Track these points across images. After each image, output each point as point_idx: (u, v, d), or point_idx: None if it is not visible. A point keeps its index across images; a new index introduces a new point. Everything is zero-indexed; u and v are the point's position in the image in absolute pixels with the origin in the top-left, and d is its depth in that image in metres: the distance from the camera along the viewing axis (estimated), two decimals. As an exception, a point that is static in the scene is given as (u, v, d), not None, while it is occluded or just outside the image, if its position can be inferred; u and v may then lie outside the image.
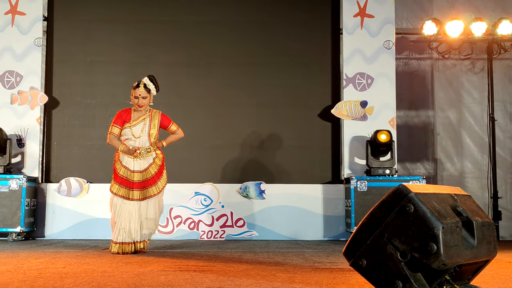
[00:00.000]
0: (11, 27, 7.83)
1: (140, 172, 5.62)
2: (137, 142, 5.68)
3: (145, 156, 5.64)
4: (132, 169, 5.61)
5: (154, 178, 5.65)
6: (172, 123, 5.92)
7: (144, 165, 5.64)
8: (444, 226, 2.71)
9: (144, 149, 5.64)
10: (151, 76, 5.86)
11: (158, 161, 5.71)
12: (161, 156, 5.75)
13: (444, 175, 8.71)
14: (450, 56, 8.71)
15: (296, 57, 8.19)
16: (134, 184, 5.59)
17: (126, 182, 5.60)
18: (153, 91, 5.82)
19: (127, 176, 5.61)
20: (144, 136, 5.70)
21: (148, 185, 5.62)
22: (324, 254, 5.59)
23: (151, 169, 5.65)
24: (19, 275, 3.86)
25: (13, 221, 7.06)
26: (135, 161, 5.62)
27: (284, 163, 8.04)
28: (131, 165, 5.62)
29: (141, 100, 5.73)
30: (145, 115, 5.80)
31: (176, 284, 3.46)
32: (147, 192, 5.61)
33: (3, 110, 7.71)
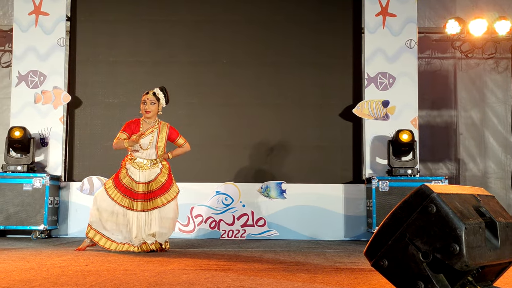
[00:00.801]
0: (35, 27, 7.92)
1: (145, 183, 5.64)
2: (145, 154, 5.70)
3: (151, 167, 5.68)
4: (138, 180, 5.64)
5: (165, 187, 5.69)
6: (180, 137, 5.95)
7: (150, 176, 5.67)
8: (467, 227, 2.69)
9: (151, 161, 5.69)
10: (162, 87, 5.91)
11: (165, 170, 5.76)
12: (167, 166, 5.81)
13: (466, 175, 8.63)
14: (473, 55, 8.63)
15: (317, 57, 8.17)
16: (139, 195, 5.60)
17: (130, 193, 5.60)
18: (162, 101, 5.83)
19: (132, 187, 5.62)
20: (152, 149, 5.72)
21: (156, 195, 5.63)
22: (345, 254, 5.57)
23: (161, 178, 5.70)
24: (43, 272, 3.91)
25: (36, 219, 7.14)
26: (141, 172, 5.64)
27: (305, 163, 8.02)
28: (136, 176, 5.65)
29: (148, 105, 5.73)
30: (153, 127, 5.80)
31: (197, 282, 3.47)
32: (155, 202, 5.62)
33: (27, 109, 7.80)
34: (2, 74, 8.62)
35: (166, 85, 8.01)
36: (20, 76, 7.85)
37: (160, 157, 5.76)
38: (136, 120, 5.85)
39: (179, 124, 7.97)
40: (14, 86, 7.86)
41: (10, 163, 7.37)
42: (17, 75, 7.86)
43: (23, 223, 7.14)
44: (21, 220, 7.14)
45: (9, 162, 7.38)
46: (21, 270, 4.03)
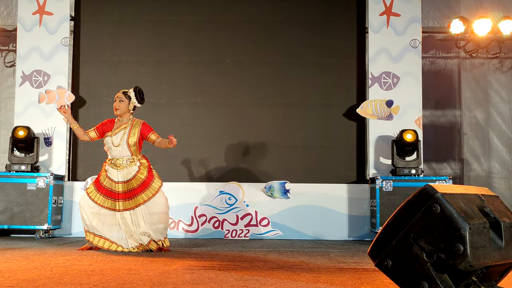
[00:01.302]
0: (39, 27, 7.93)
1: (124, 182, 5.64)
2: (117, 150, 5.71)
3: (128, 166, 5.68)
4: (116, 180, 5.65)
5: (145, 183, 5.66)
6: (152, 132, 5.89)
7: (129, 175, 5.66)
8: (471, 227, 2.68)
9: (127, 159, 5.70)
10: (136, 87, 5.93)
11: (144, 168, 5.73)
12: (146, 164, 5.78)
13: (471, 175, 8.61)
14: (478, 55, 8.61)
15: (321, 56, 8.16)
16: (119, 195, 5.62)
17: (110, 194, 5.63)
18: (134, 100, 5.83)
19: (112, 188, 5.64)
20: (123, 144, 5.71)
21: (137, 193, 5.62)
22: (349, 254, 5.56)
23: (140, 175, 5.67)
24: (46, 272, 3.91)
25: (40, 219, 7.15)
26: (119, 172, 5.65)
27: (309, 163, 8.02)
28: (115, 176, 5.66)
29: (117, 102, 5.80)
30: (126, 124, 5.83)
31: (200, 282, 3.47)
32: (138, 200, 5.61)
33: (31, 109, 7.81)
34: (6, 74, 8.63)
35: (168, 85, 8.10)
36: (24, 75, 7.87)
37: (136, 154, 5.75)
38: (112, 120, 5.94)
39: (182, 124, 8.03)
40: (18, 85, 7.88)
41: (14, 162, 7.38)
42: (21, 75, 7.87)
43: (27, 222, 7.15)
44: (25, 219, 7.15)
45: (13, 161, 7.39)
46: (25, 269, 4.03)
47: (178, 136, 7.94)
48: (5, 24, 8.47)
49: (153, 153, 7.82)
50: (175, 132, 7.94)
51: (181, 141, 8.00)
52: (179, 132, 8.00)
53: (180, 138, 7.99)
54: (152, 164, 6.36)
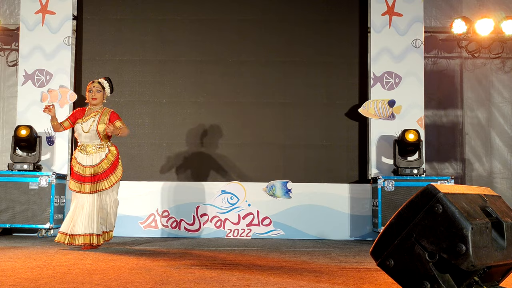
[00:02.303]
0: (42, 26, 7.94)
1: (92, 166, 5.82)
2: (87, 136, 5.89)
3: (97, 151, 5.86)
4: (85, 164, 5.83)
5: (106, 173, 5.83)
6: (118, 119, 6.01)
7: (96, 160, 5.85)
8: (473, 226, 2.68)
9: (96, 145, 5.88)
10: (107, 77, 6.18)
11: (111, 156, 5.91)
12: (114, 153, 5.95)
13: (472, 175, 8.60)
14: (480, 55, 8.60)
15: (323, 56, 8.16)
16: (86, 178, 5.78)
17: (79, 177, 5.81)
18: (107, 89, 6.08)
19: (80, 172, 5.82)
20: (92, 131, 5.88)
21: (99, 179, 5.80)
22: (350, 253, 5.56)
23: (103, 164, 5.85)
24: (49, 271, 3.92)
25: (42, 218, 7.17)
26: (88, 156, 5.84)
27: (310, 162, 8.02)
28: (84, 161, 5.84)
29: (94, 92, 5.97)
30: (97, 112, 6.00)
31: (202, 281, 3.48)
32: (98, 186, 5.79)
33: (33, 108, 7.82)
34: (8, 73, 8.64)
35: (171, 84, 8.10)
36: (26, 74, 7.88)
37: (105, 140, 5.92)
38: (83, 108, 6.10)
39: (186, 123, 8.03)
40: (21, 85, 7.89)
41: (17, 161, 7.39)
42: (24, 74, 7.88)
43: (29, 221, 7.17)
44: (27, 218, 7.16)
45: (15, 160, 7.41)
46: (27, 268, 4.04)
47: (181, 135, 8.00)
48: (7, 23, 8.48)
49: (154, 152, 7.84)
50: (178, 131, 7.99)
51: (183, 141, 8.02)
52: (181, 131, 8.02)
53: (183, 137, 8.03)
54: (153, 163, 6.39)
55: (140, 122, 8.00)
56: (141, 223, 7.58)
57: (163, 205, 7.62)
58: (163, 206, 7.62)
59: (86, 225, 5.66)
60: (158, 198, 7.56)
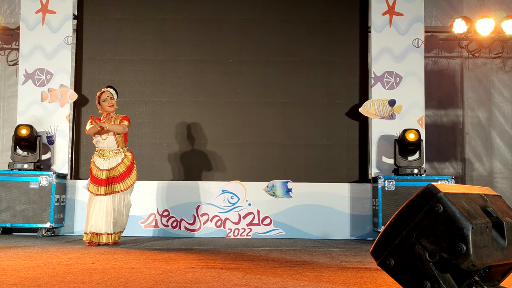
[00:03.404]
0: (42, 26, 7.94)
1: (108, 170, 6.21)
2: (105, 142, 6.27)
3: (114, 156, 6.25)
4: (102, 168, 6.22)
5: (122, 176, 6.23)
6: (126, 120, 6.37)
7: (113, 164, 6.25)
8: (474, 226, 2.68)
9: (113, 150, 6.27)
10: (109, 85, 6.55)
11: (127, 161, 6.31)
12: (130, 158, 6.36)
13: (473, 175, 8.60)
14: (480, 54, 8.60)
15: (323, 55, 8.16)
16: (102, 181, 6.17)
17: (96, 180, 6.20)
18: (115, 95, 6.44)
19: (97, 175, 6.22)
20: (110, 137, 6.27)
21: (114, 181, 6.20)
22: (351, 253, 5.57)
23: (119, 168, 6.25)
24: (49, 270, 3.92)
25: (43, 217, 7.17)
26: (105, 160, 6.23)
27: (311, 162, 8.02)
28: (101, 164, 6.24)
29: (109, 100, 6.32)
30: (111, 118, 6.37)
31: (203, 281, 3.48)
32: (113, 188, 6.18)
33: (33, 107, 7.83)
34: (9, 72, 8.65)
35: (171, 84, 8.11)
36: (27, 74, 7.88)
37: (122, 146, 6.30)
38: (98, 118, 6.38)
39: (186, 122, 8.04)
40: (21, 84, 7.89)
41: (17, 161, 7.40)
42: (24, 73, 7.88)
43: (30, 221, 7.17)
44: (27, 218, 7.17)
45: (15, 160, 7.41)
46: (27, 267, 4.04)
47: (181, 135, 8.00)
48: (8, 23, 8.48)
49: (154, 151, 7.85)
50: (179, 131, 8.00)
51: (184, 140, 8.03)
52: (181, 131, 8.02)
53: (183, 137, 8.03)
54: (154, 163, 6.42)
55: (141, 121, 8.00)
56: (142, 223, 7.58)
57: (163, 205, 7.62)
58: (164, 206, 7.63)
59: (107, 225, 6.08)
60: (159, 197, 7.56)
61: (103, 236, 6.08)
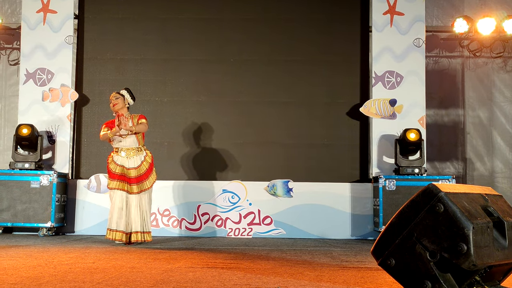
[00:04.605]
0: (43, 25, 7.94)
1: (135, 168, 6.27)
2: (126, 141, 6.30)
3: (136, 154, 6.30)
4: (128, 166, 6.26)
5: (146, 173, 6.32)
6: (143, 118, 6.41)
7: (137, 162, 6.31)
8: (475, 226, 2.68)
9: (134, 148, 6.31)
10: (127, 88, 6.54)
11: (149, 159, 6.38)
12: (150, 156, 6.42)
13: (474, 174, 8.60)
14: (482, 54, 8.60)
15: (324, 55, 8.16)
16: (132, 179, 6.23)
17: (125, 178, 6.22)
18: (127, 97, 6.42)
19: (125, 173, 6.24)
20: (131, 136, 6.31)
21: (143, 179, 6.28)
22: (351, 253, 5.56)
23: (143, 166, 6.32)
24: (50, 269, 3.92)
25: (43, 217, 7.17)
26: (128, 159, 6.26)
27: (312, 161, 8.01)
28: (126, 163, 6.27)
29: (114, 100, 6.33)
30: (127, 118, 6.35)
31: (203, 280, 3.48)
32: (143, 185, 6.27)
33: (34, 106, 7.83)
34: (10, 72, 8.65)
35: (173, 83, 8.11)
36: (28, 73, 7.88)
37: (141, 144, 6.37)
38: (112, 120, 6.38)
39: (187, 122, 8.05)
40: (22, 83, 7.90)
41: (18, 160, 7.40)
42: (25, 73, 7.89)
43: (30, 220, 7.17)
44: (28, 217, 7.17)
45: (16, 159, 7.41)
46: (28, 267, 4.04)
47: (182, 134, 8.01)
48: (9, 22, 8.48)
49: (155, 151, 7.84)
50: (179, 131, 8.00)
51: (185, 140, 8.03)
52: (183, 130, 8.03)
53: (184, 136, 8.03)
54: (155, 162, 6.44)
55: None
56: (142, 222, 7.57)
57: (164, 204, 7.63)
58: (164, 205, 7.63)
59: (139, 223, 6.16)
60: (159, 197, 7.56)
61: (139, 234, 6.13)
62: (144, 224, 6.20)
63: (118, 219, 6.12)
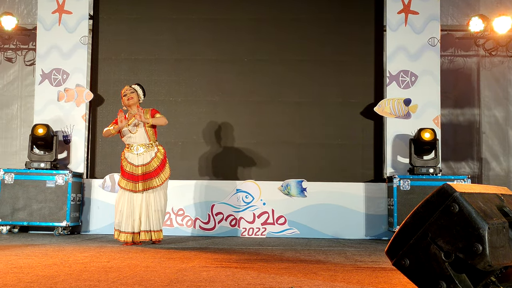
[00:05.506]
0: (58, 26, 8.00)
1: (143, 165, 6.11)
2: (136, 137, 6.16)
3: (147, 151, 6.14)
4: (136, 164, 6.11)
5: (157, 171, 6.13)
6: (157, 113, 6.29)
7: (147, 159, 6.13)
8: (490, 226, 2.66)
9: (145, 145, 6.15)
10: (138, 83, 6.47)
11: (160, 155, 6.20)
12: (162, 151, 6.25)
13: (490, 174, 8.53)
14: (497, 53, 8.53)
15: (338, 54, 8.14)
16: (139, 177, 6.08)
17: (131, 177, 6.10)
18: (139, 92, 6.33)
19: (132, 171, 6.11)
20: (140, 129, 6.17)
21: (151, 177, 6.10)
22: (366, 253, 5.55)
23: (153, 163, 6.14)
24: (65, 268, 3.95)
25: (59, 216, 7.22)
26: (138, 156, 6.12)
27: (326, 161, 8.00)
28: (135, 160, 6.12)
29: (129, 94, 6.22)
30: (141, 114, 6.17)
31: (217, 280, 3.48)
32: (150, 183, 6.10)
33: (50, 107, 7.89)
34: (26, 72, 8.72)
35: (186, 83, 8.13)
36: (43, 74, 7.94)
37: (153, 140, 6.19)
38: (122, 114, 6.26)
39: (201, 121, 8.06)
40: (38, 84, 7.96)
41: (34, 160, 7.46)
42: (41, 73, 7.95)
43: (46, 219, 7.23)
44: (44, 216, 7.22)
45: (32, 159, 7.47)
46: (44, 265, 4.07)
47: (196, 134, 8.02)
48: (25, 23, 8.55)
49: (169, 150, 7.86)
50: (193, 130, 8.02)
51: (198, 140, 8.05)
52: (196, 130, 8.05)
53: (198, 136, 8.05)
54: (169, 162, 6.42)
55: (156, 121, 8.02)
56: (157, 222, 7.60)
57: (178, 204, 7.65)
58: (178, 205, 7.65)
59: (145, 222, 6.05)
60: (173, 196, 7.58)
61: (143, 233, 6.05)
62: (151, 223, 6.06)
63: (119, 221, 6.06)
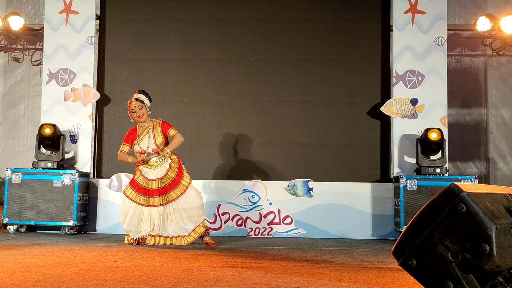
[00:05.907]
0: (65, 26, 8.02)
1: (159, 179, 6.02)
2: None
3: (161, 163, 6.02)
4: (150, 178, 6.02)
5: (175, 182, 6.02)
6: (171, 128, 6.15)
7: (162, 172, 6.03)
8: (498, 226, 2.64)
9: (158, 158, 6.02)
10: (140, 90, 6.22)
11: (175, 164, 6.08)
12: (176, 160, 6.13)
13: (497, 174, 8.50)
14: (505, 52, 8.50)
15: (345, 54, 8.13)
16: (153, 191, 6.00)
17: (144, 191, 6.02)
18: (146, 102, 6.13)
19: (146, 185, 6.02)
20: (151, 147, 6.04)
21: (169, 189, 6.01)
22: (372, 253, 5.53)
23: (170, 174, 6.04)
24: (72, 267, 3.96)
25: (66, 215, 7.24)
26: (153, 170, 6.01)
27: (332, 161, 7.99)
28: (149, 174, 6.03)
29: (138, 111, 6.05)
30: (148, 127, 6.13)
31: (224, 280, 3.49)
32: (169, 196, 6.00)
33: (57, 106, 7.91)
34: (33, 72, 8.75)
35: (193, 83, 8.14)
36: (50, 74, 7.97)
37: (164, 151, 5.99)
38: (134, 128, 6.18)
39: (207, 121, 8.06)
40: (45, 84, 7.98)
41: (41, 159, 7.48)
42: (48, 73, 7.97)
43: (53, 219, 7.25)
44: (51, 216, 7.25)
45: (39, 158, 7.50)
46: (51, 265, 4.08)
47: (202, 134, 8.02)
48: (32, 23, 8.58)
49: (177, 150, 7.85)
50: (200, 130, 8.02)
51: (205, 140, 8.05)
52: (203, 130, 8.05)
53: (204, 136, 8.06)
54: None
55: (162, 120, 8.03)
56: (163, 221, 7.61)
57: (184, 204, 7.65)
58: (185, 205, 7.65)
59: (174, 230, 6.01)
60: (180, 196, 7.58)
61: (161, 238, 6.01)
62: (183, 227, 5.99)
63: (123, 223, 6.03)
